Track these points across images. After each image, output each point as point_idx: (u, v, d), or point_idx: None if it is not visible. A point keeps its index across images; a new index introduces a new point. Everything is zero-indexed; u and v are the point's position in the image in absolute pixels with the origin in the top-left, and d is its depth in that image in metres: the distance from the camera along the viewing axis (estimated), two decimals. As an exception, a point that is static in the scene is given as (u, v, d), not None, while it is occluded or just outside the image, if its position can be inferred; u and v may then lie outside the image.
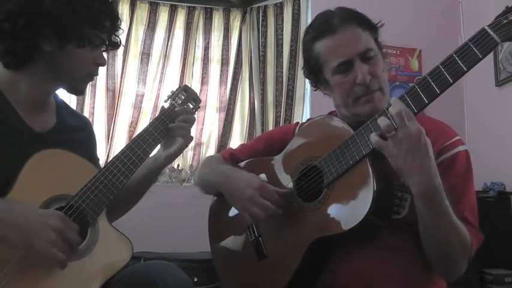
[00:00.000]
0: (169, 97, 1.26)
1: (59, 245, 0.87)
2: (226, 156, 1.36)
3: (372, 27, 1.14)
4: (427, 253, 1.03)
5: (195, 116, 1.30)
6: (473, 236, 1.01)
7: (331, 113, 1.26)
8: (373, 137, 0.95)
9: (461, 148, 1.08)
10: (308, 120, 1.31)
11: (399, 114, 0.90)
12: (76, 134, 1.19)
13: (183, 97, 1.26)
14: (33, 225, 0.87)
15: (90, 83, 1.22)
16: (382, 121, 0.93)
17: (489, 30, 0.89)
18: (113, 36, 1.14)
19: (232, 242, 1.28)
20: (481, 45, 0.90)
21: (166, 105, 1.24)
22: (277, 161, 1.23)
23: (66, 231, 0.89)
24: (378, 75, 1.10)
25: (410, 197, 1.04)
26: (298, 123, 1.35)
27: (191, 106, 1.27)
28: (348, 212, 1.01)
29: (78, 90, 1.15)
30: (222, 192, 1.22)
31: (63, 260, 0.88)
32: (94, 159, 1.23)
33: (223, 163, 1.32)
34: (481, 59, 0.90)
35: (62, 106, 1.20)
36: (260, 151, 1.32)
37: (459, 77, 0.92)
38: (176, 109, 1.21)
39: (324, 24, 1.13)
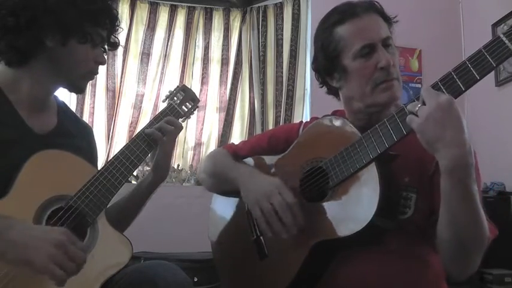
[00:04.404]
0: (167, 97, 1.26)
1: (58, 259, 0.83)
2: (230, 152, 1.33)
3: (389, 21, 1.16)
4: (444, 243, 0.96)
5: (194, 115, 1.30)
6: (490, 230, 0.96)
7: (335, 113, 1.24)
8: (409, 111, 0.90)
9: None
10: (313, 119, 1.29)
11: (426, 89, 0.88)
12: (76, 140, 1.18)
13: (181, 97, 1.26)
14: (33, 242, 0.84)
15: (90, 82, 1.23)
16: (412, 105, 0.90)
17: (504, 39, 0.87)
18: (112, 36, 1.16)
19: (233, 241, 1.28)
20: (495, 53, 0.87)
21: (165, 105, 1.24)
22: (282, 160, 1.22)
23: (67, 245, 0.85)
24: (395, 65, 1.10)
25: (415, 195, 1.03)
26: (302, 122, 1.33)
27: (189, 106, 1.27)
28: (352, 216, 1.00)
29: (79, 88, 1.15)
30: (239, 186, 1.17)
31: (61, 277, 0.83)
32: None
33: (233, 158, 1.28)
34: (495, 68, 0.88)
35: (64, 108, 1.20)
36: (263, 149, 1.30)
37: (471, 85, 0.90)
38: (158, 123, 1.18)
39: (348, 9, 1.12)
